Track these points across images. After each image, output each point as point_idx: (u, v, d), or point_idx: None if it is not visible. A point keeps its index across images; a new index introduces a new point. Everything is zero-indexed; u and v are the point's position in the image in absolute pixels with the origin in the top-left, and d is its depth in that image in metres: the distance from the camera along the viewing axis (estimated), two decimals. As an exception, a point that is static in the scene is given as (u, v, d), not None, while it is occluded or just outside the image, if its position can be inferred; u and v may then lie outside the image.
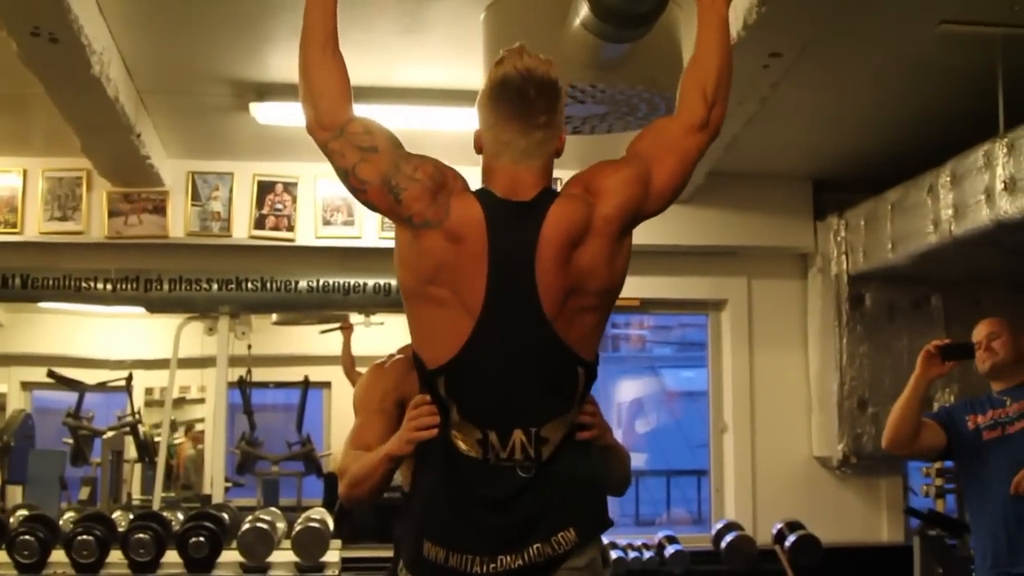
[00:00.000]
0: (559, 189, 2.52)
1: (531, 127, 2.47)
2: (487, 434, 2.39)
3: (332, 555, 5.88)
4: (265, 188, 6.81)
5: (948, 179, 5.48)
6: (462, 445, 2.41)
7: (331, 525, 6.01)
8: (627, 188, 2.49)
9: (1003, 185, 5.00)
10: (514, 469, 2.40)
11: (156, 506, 6.70)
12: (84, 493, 7.23)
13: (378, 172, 2.46)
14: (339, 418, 7.51)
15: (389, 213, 2.47)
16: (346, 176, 2.50)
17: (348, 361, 7.08)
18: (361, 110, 2.41)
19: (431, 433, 2.45)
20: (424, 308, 2.45)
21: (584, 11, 3.63)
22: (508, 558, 2.37)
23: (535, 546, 2.38)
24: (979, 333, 4.75)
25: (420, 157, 2.49)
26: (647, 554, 6.62)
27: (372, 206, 2.51)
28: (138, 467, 7.42)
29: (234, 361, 7.12)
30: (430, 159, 2.49)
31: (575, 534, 2.41)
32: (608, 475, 2.70)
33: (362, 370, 3.15)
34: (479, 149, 2.56)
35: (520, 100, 2.46)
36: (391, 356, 3.05)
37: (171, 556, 5.74)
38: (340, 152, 2.50)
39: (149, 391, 7.61)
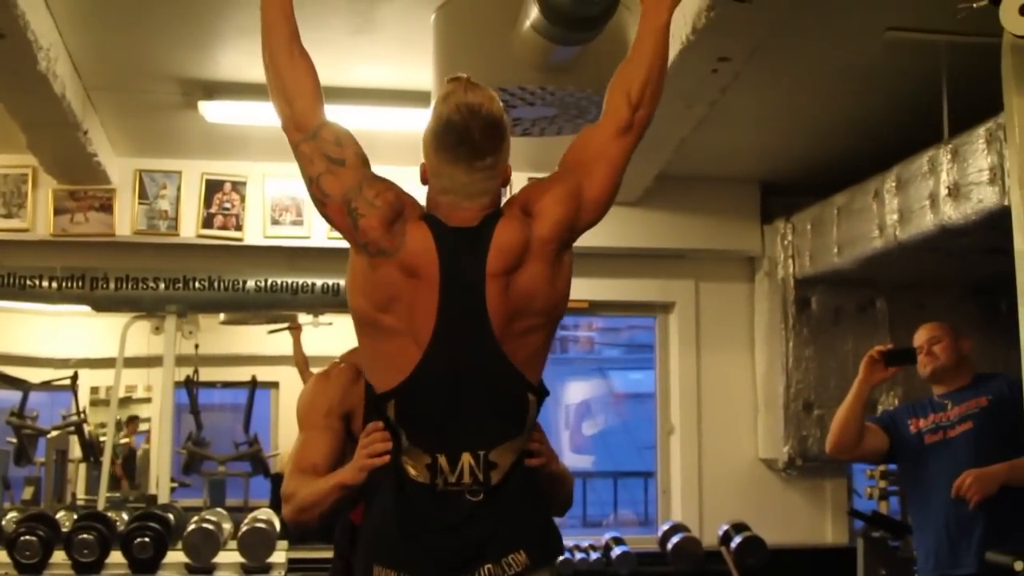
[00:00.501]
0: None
1: (476, 169, 2.47)
2: (436, 458, 2.40)
3: (279, 556, 5.84)
4: (213, 187, 6.78)
5: (894, 184, 5.54)
6: (412, 471, 2.41)
7: (278, 526, 5.98)
8: (560, 206, 2.51)
9: (947, 191, 5.05)
10: (463, 494, 2.40)
11: (101, 506, 6.64)
12: (27, 493, 7.15)
13: (341, 189, 2.46)
14: (287, 418, 7.46)
15: (345, 233, 2.48)
16: (310, 183, 2.51)
17: (301, 360, 7.04)
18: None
19: (383, 460, 2.45)
20: (375, 334, 2.45)
21: (534, 13, 3.63)
22: None
23: (486, 567, 2.38)
24: (920, 338, 4.80)
25: (383, 182, 2.49)
26: (594, 555, 6.64)
27: (330, 220, 2.52)
28: (83, 467, 7.36)
29: (181, 360, 7.07)
30: (393, 187, 2.49)
31: (525, 557, 2.41)
32: (553, 501, 2.70)
33: (316, 370, 3.13)
34: (424, 181, 2.56)
35: (464, 145, 2.45)
36: (335, 364, 3.03)
37: (115, 557, 5.68)
38: (309, 157, 2.50)
39: (95, 390, 7.54)
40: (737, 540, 6.46)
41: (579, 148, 2.63)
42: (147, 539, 5.64)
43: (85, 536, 5.61)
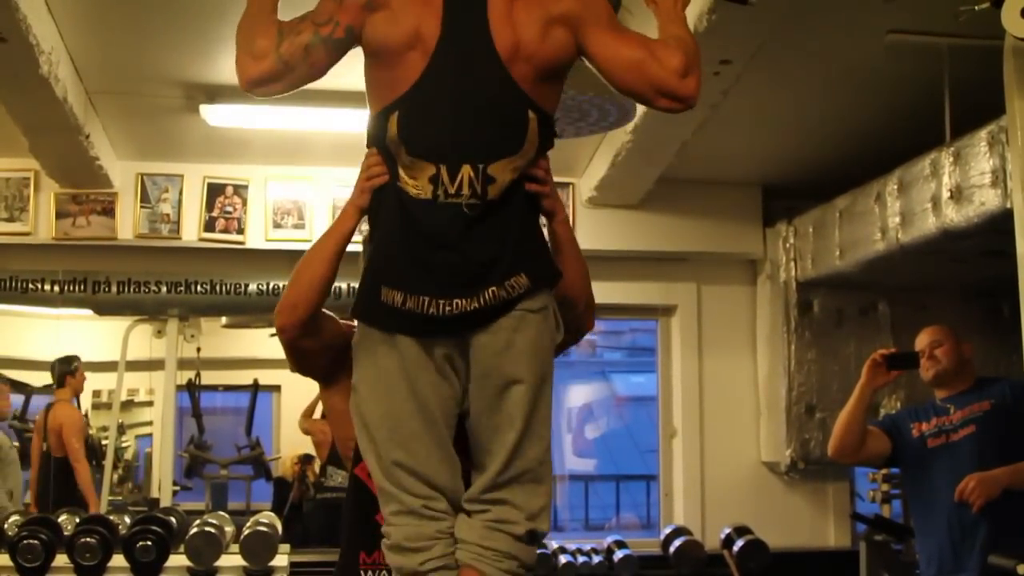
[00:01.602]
0: None
1: None
2: (438, 168, 2.39)
3: (281, 559, 5.85)
4: (215, 190, 6.78)
5: (895, 187, 5.53)
6: (412, 189, 2.41)
7: (280, 529, 5.99)
8: (585, 7, 2.50)
9: (949, 193, 5.05)
10: (460, 206, 2.39)
11: (103, 509, 6.65)
12: (30, 496, 7.16)
13: (329, 3, 2.47)
14: (289, 422, 7.49)
15: (361, 12, 2.45)
16: (316, 35, 2.46)
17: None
18: (312, 113, 2.40)
19: (383, 179, 2.46)
20: (383, 62, 2.46)
21: (536, 17, 3.63)
22: (463, 301, 2.38)
23: (490, 289, 2.39)
24: (922, 341, 4.80)
25: None
26: (596, 559, 6.63)
27: (351, 30, 2.47)
28: (85, 470, 7.36)
29: (183, 364, 7.08)
30: None
31: (527, 279, 2.42)
32: (560, 259, 2.66)
33: None
34: None
35: None
36: None
37: (118, 560, 5.69)
38: (293, 38, 2.46)
39: (97, 394, 7.55)
40: (739, 543, 6.46)
41: (634, 32, 2.58)
42: (149, 543, 5.65)
43: (87, 540, 5.62)
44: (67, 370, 7.03)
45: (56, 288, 6.62)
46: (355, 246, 2.59)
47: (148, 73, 5.49)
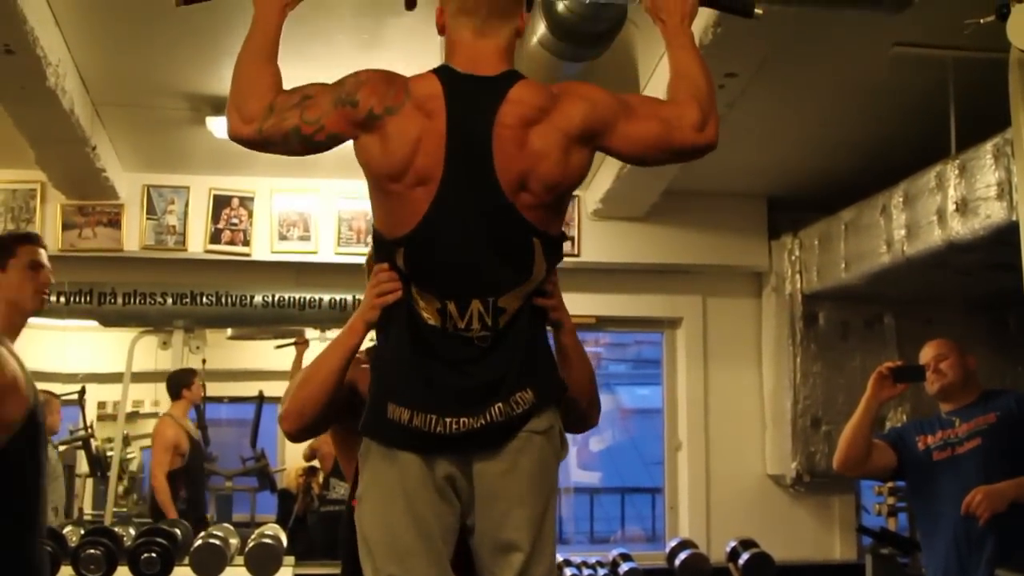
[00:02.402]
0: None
1: None
2: (445, 304, 2.40)
3: (285, 572, 5.84)
4: (221, 202, 6.79)
5: (901, 200, 5.53)
6: (423, 312, 2.42)
7: (284, 541, 5.98)
8: (600, 105, 2.47)
9: (955, 206, 5.05)
10: (471, 339, 2.41)
11: (108, 521, 6.65)
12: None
13: (325, 103, 2.43)
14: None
15: (351, 127, 2.43)
16: (297, 131, 2.44)
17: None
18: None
19: (395, 296, 2.45)
20: (387, 190, 2.44)
21: (541, 30, 3.65)
22: (469, 419, 2.38)
23: (496, 406, 2.38)
24: (927, 355, 4.76)
25: (357, 71, 2.48)
26: (601, 572, 6.62)
27: (333, 138, 2.45)
28: (90, 482, 7.36)
29: (188, 376, 7.08)
30: (368, 68, 2.49)
31: (532, 395, 2.42)
32: (568, 367, 2.66)
33: None
34: (441, 29, 2.56)
35: None
36: None
37: (123, 572, 5.68)
38: (278, 122, 2.45)
39: (102, 405, 7.55)
40: (745, 556, 6.44)
41: (647, 99, 2.60)
42: (154, 554, 5.64)
43: (92, 551, 5.61)
44: (184, 383, 6.99)
45: (62, 299, 6.62)
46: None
47: (154, 85, 5.50)
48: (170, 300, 6.73)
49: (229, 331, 7.40)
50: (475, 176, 2.37)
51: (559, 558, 6.60)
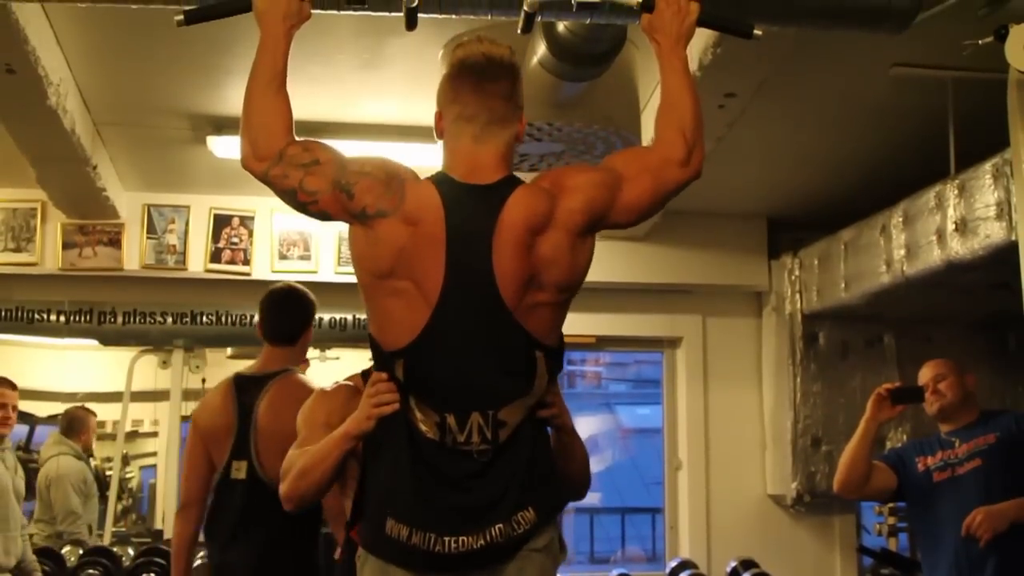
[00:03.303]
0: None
1: (491, 97, 2.50)
2: (444, 417, 2.39)
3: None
4: (221, 222, 6.79)
5: (900, 219, 5.54)
6: (422, 425, 2.40)
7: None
8: (595, 189, 2.48)
9: (954, 226, 5.05)
10: (470, 453, 2.39)
11: (107, 541, 6.63)
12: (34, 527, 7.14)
13: (325, 179, 2.44)
14: (297, 429, 7.45)
15: (343, 214, 2.45)
16: (294, 194, 2.48)
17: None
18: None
19: (392, 408, 2.44)
20: (383, 298, 2.43)
21: (542, 50, 3.65)
22: (469, 538, 2.37)
23: (496, 526, 2.37)
24: (925, 375, 4.77)
25: (367, 156, 2.49)
26: (601, 591, 6.61)
27: (325, 215, 2.49)
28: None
29: (188, 395, 7.07)
30: (378, 156, 2.49)
31: (534, 514, 2.41)
32: (567, 462, 2.67)
33: None
34: (440, 134, 2.57)
35: (480, 73, 2.50)
36: (336, 382, 3.03)
37: (121, 592, 5.68)
38: (283, 176, 2.47)
39: (101, 424, 7.53)
40: (745, 577, 6.43)
41: (629, 156, 2.65)
42: (153, 574, 5.63)
43: (91, 571, 5.61)
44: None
45: (62, 318, 6.63)
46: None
47: (155, 105, 5.51)
48: (170, 319, 6.73)
49: (229, 350, 7.39)
50: (476, 286, 2.38)
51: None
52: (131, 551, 6.26)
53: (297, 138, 2.50)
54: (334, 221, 2.51)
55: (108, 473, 7.14)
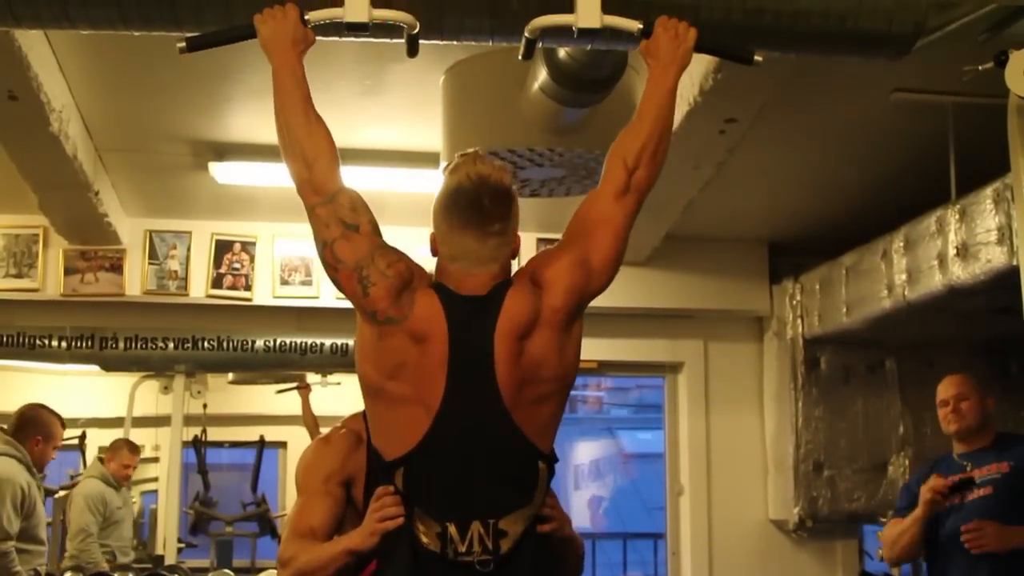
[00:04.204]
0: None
1: (486, 235, 2.48)
2: (446, 527, 2.37)
3: (285, 618, 5.80)
4: (223, 247, 6.80)
5: (901, 244, 5.54)
6: (423, 538, 2.38)
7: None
8: (569, 274, 2.49)
9: (955, 251, 5.05)
10: (472, 565, 2.37)
11: (107, 567, 6.61)
12: (38, 554, 7.12)
13: (354, 256, 2.45)
14: (295, 479, 7.44)
15: (354, 300, 2.47)
16: (324, 247, 2.50)
17: (311, 421, 7.01)
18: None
19: (396, 523, 2.42)
20: (384, 402, 2.43)
21: (543, 75, 3.66)
22: None
23: None
24: (947, 391, 4.68)
25: (395, 253, 2.48)
26: (603, 617, 6.59)
27: (339, 286, 2.51)
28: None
29: (189, 420, 7.07)
30: (404, 257, 2.49)
31: None
32: (563, 566, 2.66)
33: (325, 430, 3.10)
34: (435, 252, 2.56)
35: (474, 210, 2.47)
36: (336, 429, 2.99)
37: (122, 617, 5.66)
38: (325, 221, 2.48)
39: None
40: (747, 602, 6.41)
41: (581, 216, 2.63)
42: (153, 600, 5.61)
43: (91, 598, 5.58)
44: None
45: (64, 344, 6.63)
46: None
47: (157, 131, 5.52)
48: (172, 345, 6.73)
49: (230, 376, 7.39)
50: (476, 394, 2.38)
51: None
52: (132, 576, 6.24)
53: (347, 187, 2.51)
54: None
55: (109, 499, 7.12)
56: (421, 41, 2.83)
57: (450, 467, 2.38)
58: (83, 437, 7.28)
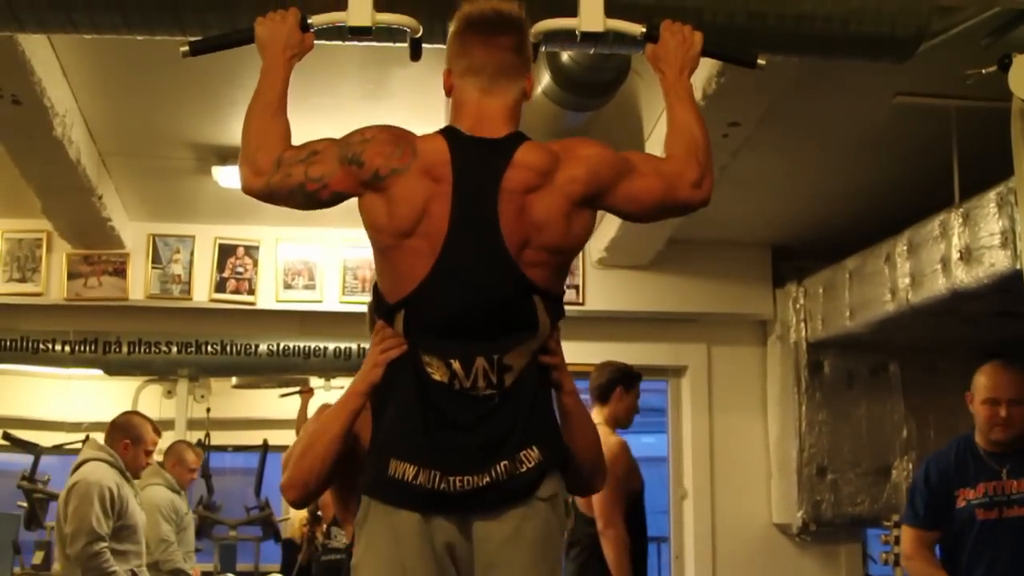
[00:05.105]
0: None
1: (500, 49, 2.49)
2: (450, 363, 2.38)
3: (289, 621, 5.81)
4: (226, 251, 6.80)
5: (905, 248, 5.54)
6: (429, 369, 2.40)
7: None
8: (602, 166, 2.48)
9: (959, 254, 5.05)
10: (477, 397, 2.38)
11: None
12: (38, 558, 7.10)
13: (330, 162, 2.44)
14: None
15: (356, 187, 2.44)
16: (302, 187, 2.46)
17: (303, 424, 7.01)
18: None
19: (399, 351, 2.43)
20: (391, 252, 2.44)
21: (545, 80, 3.67)
22: (474, 477, 2.36)
23: (501, 463, 2.36)
24: (1001, 390, 4.15)
25: (365, 127, 2.49)
26: (606, 621, 6.56)
27: (337, 196, 2.47)
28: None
29: (193, 424, 7.08)
30: (376, 124, 2.49)
31: (538, 452, 2.40)
32: (572, 432, 2.62)
33: None
34: (448, 91, 2.56)
35: (488, 27, 2.49)
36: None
37: (125, 621, 5.65)
38: (285, 176, 2.45)
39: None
40: (751, 606, 6.40)
41: (647, 157, 2.61)
42: (155, 602, 5.61)
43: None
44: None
45: (67, 348, 6.63)
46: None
47: (160, 135, 5.53)
48: (175, 349, 6.73)
49: (234, 380, 7.39)
50: (480, 236, 2.38)
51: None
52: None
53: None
54: (349, 199, 2.48)
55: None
56: (424, 45, 2.84)
57: (453, 304, 2.39)
58: (86, 441, 7.26)
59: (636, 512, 5.05)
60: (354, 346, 6.74)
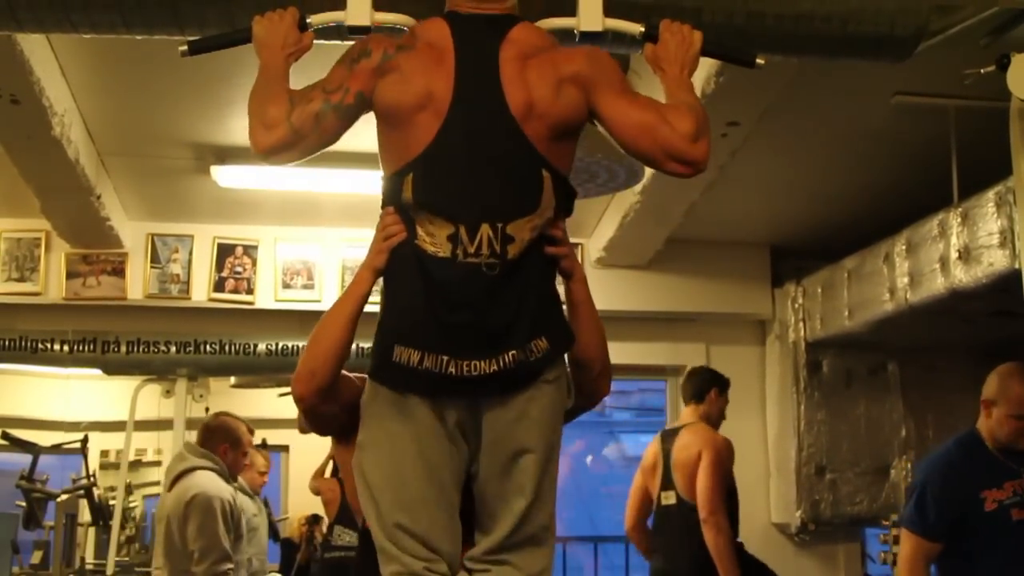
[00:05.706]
0: None
1: None
2: (457, 227, 2.38)
3: (288, 621, 5.80)
4: (225, 251, 6.80)
5: (904, 247, 5.54)
6: (430, 247, 2.39)
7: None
8: (597, 63, 2.52)
9: (957, 254, 5.05)
10: (480, 267, 2.37)
11: (110, 571, 6.61)
12: (36, 557, 7.11)
13: (339, 72, 2.49)
14: (297, 482, 7.45)
15: (372, 77, 2.47)
16: (327, 103, 2.47)
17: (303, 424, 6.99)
18: (322, 174, 2.41)
19: (401, 237, 2.44)
20: (396, 124, 2.47)
21: (545, 79, 3.65)
22: (483, 363, 2.36)
23: (510, 352, 2.38)
24: None
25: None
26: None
27: (361, 96, 2.49)
28: (92, 531, 7.32)
29: (191, 424, 7.05)
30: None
31: (547, 343, 2.42)
32: (580, 324, 2.66)
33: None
34: None
35: None
36: None
37: (124, 622, 5.65)
38: (304, 106, 2.46)
39: (105, 453, 7.53)
40: (750, 606, 6.39)
41: (648, 98, 2.58)
42: (156, 604, 5.60)
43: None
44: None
45: (65, 348, 6.63)
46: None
47: (159, 135, 5.53)
48: (174, 349, 6.73)
49: (233, 379, 7.39)
50: (485, 101, 2.42)
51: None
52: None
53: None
54: (369, 102, 2.50)
55: (111, 503, 7.12)
56: (423, 44, 2.83)
57: (458, 168, 2.40)
58: (85, 441, 7.26)
59: (733, 504, 5.54)
60: (353, 346, 6.73)
